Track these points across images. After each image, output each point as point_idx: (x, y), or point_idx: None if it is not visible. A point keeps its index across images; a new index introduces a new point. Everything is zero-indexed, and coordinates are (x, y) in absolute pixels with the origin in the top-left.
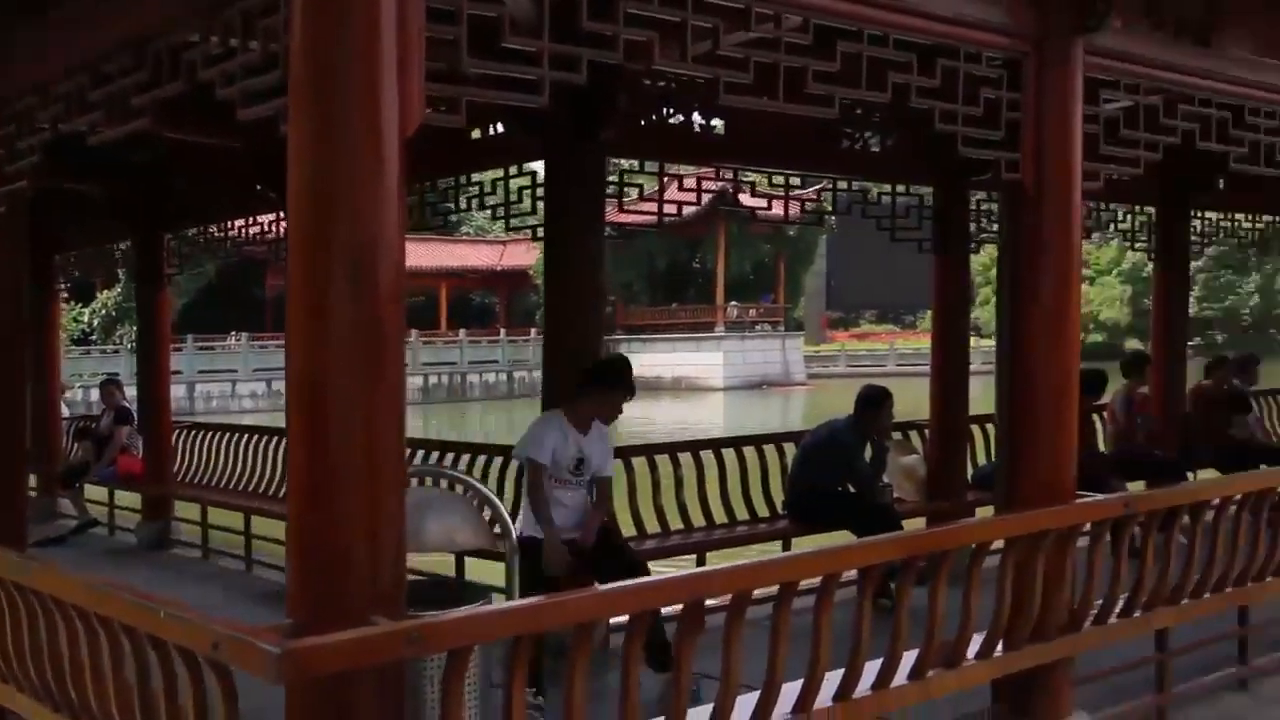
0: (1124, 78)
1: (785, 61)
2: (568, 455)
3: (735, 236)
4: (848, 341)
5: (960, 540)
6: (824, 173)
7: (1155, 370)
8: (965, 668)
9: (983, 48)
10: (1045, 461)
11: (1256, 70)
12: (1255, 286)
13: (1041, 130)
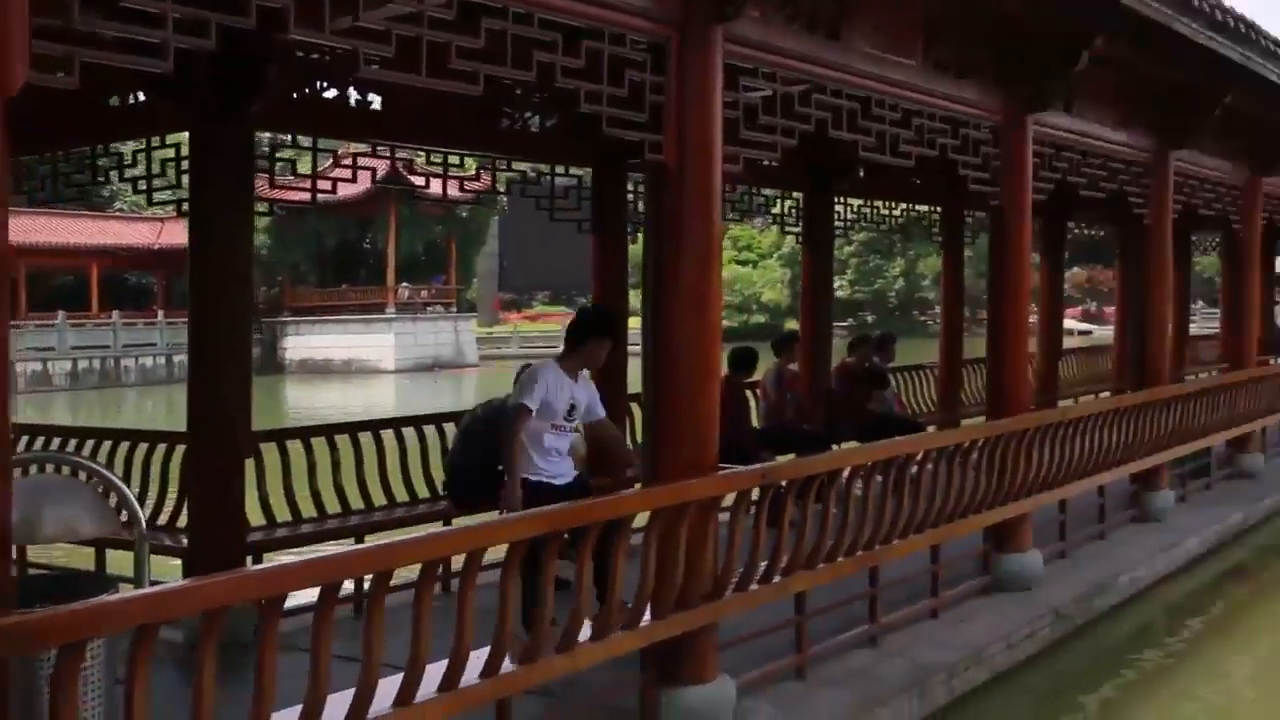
0: (762, 66)
1: (429, 36)
2: (563, 401)
3: (407, 217)
4: (521, 323)
5: (602, 514)
6: (486, 152)
7: (803, 348)
8: (612, 638)
9: (627, 31)
10: (688, 436)
11: (882, 65)
12: (900, 271)
13: (684, 113)
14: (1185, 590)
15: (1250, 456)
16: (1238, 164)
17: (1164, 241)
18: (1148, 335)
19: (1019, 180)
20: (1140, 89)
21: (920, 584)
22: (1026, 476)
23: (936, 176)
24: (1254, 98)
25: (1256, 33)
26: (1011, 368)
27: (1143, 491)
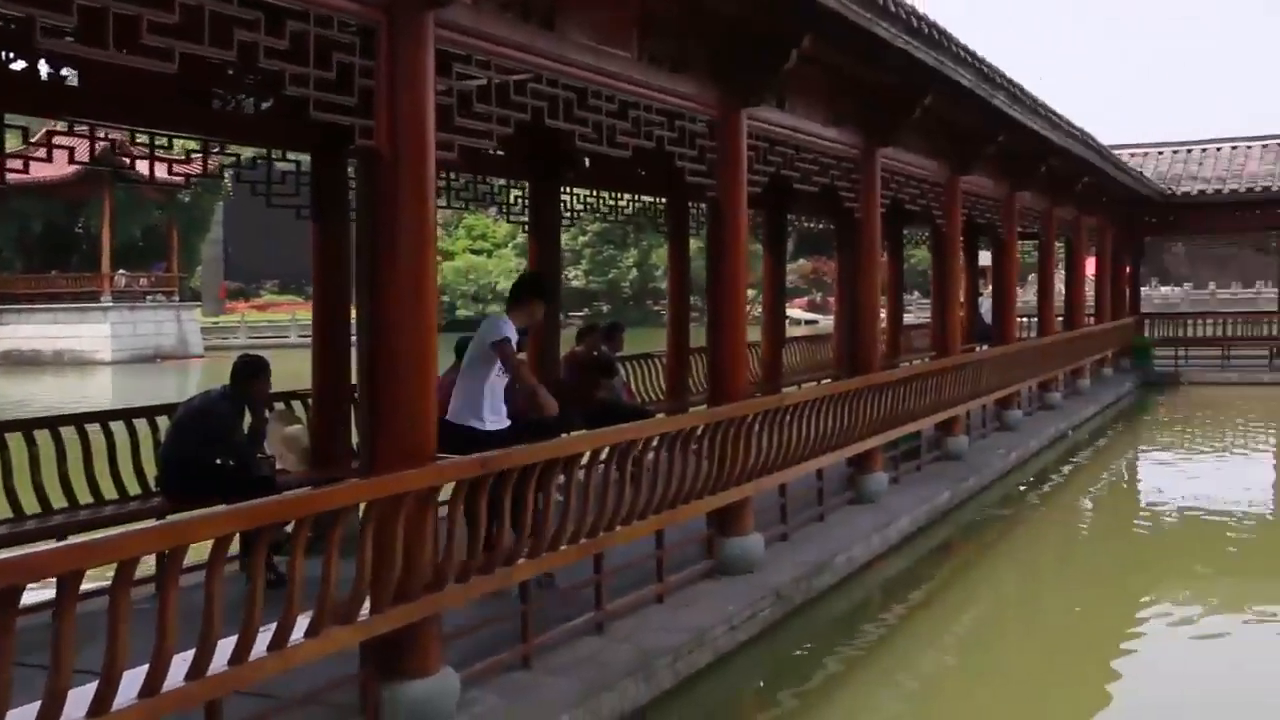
0: (476, 53)
1: (116, 8)
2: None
3: (123, 201)
4: (248, 312)
5: (316, 507)
6: (198, 134)
7: (532, 338)
8: (328, 634)
9: (334, 12)
10: (405, 425)
11: (598, 56)
12: (634, 261)
13: (395, 99)
14: (898, 567)
15: (956, 439)
16: (940, 163)
17: (873, 235)
18: (859, 324)
19: (734, 173)
20: (848, 88)
21: (646, 569)
22: (747, 462)
23: (660, 168)
24: (950, 100)
25: (949, 39)
26: (731, 355)
27: (858, 474)
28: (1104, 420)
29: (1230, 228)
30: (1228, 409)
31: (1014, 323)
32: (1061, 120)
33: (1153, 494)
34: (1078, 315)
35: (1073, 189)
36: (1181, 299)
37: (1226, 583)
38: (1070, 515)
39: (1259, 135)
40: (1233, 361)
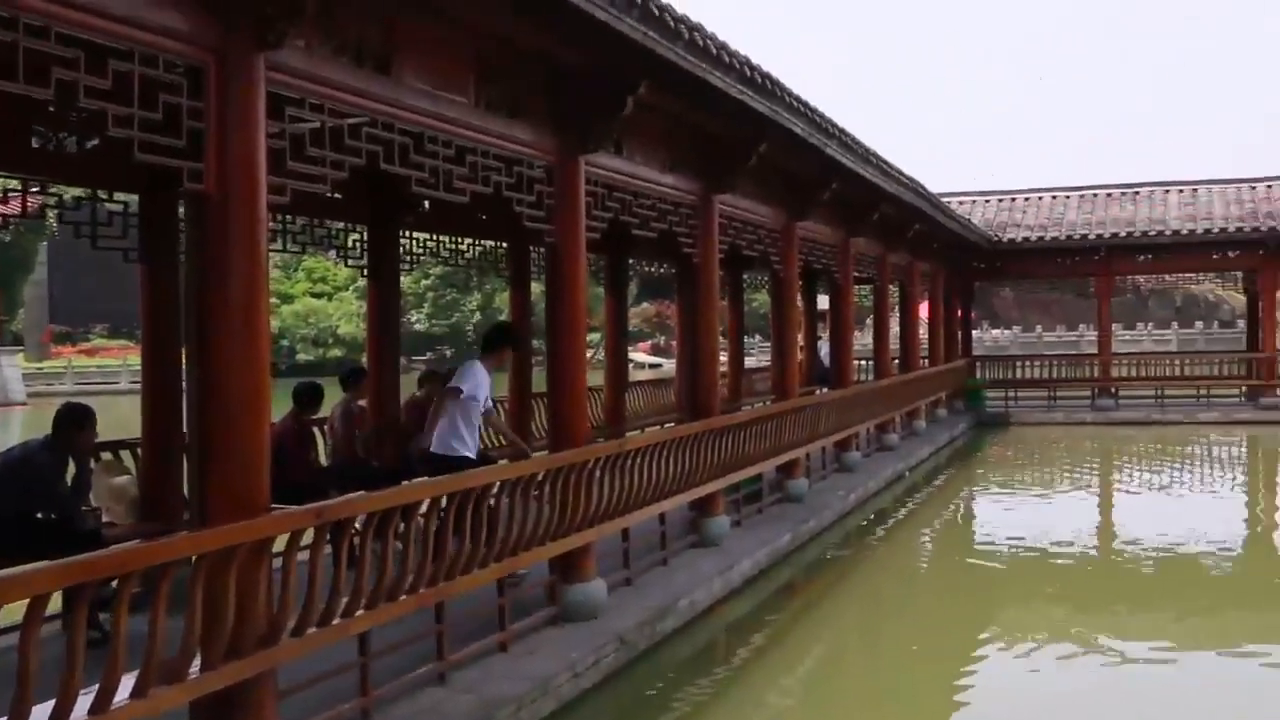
0: (310, 97)
1: None
2: (485, 390)
3: None
4: (75, 357)
5: (141, 562)
6: (16, 173)
7: (372, 383)
8: (155, 694)
9: (160, 52)
10: (237, 475)
11: (435, 102)
12: (477, 304)
13: (226, 141)
14: (742, 610)
15: (797, 481)
16: (777, 209)
17: (711, 279)
18: (699, 368)
19: (573, 218)
20: (686, 135)
21: (490, 617)
22: (589, 507)
23: (500, 213)
24: (785, 149)
25: (782, 89)
26: (571, 400)
27: (701, 518)
28: (939, 460)
29: (1052, 273)
30: (1055, 448)
31: (851, 366)
32: (892, 169)
33: (988, 532)
34: (912, 358)
35: (905, 235)
36: (1011, 342)
37: (1057, 615)
38: (909, 554)
39: (1076, 186)
40: (1058, 402)
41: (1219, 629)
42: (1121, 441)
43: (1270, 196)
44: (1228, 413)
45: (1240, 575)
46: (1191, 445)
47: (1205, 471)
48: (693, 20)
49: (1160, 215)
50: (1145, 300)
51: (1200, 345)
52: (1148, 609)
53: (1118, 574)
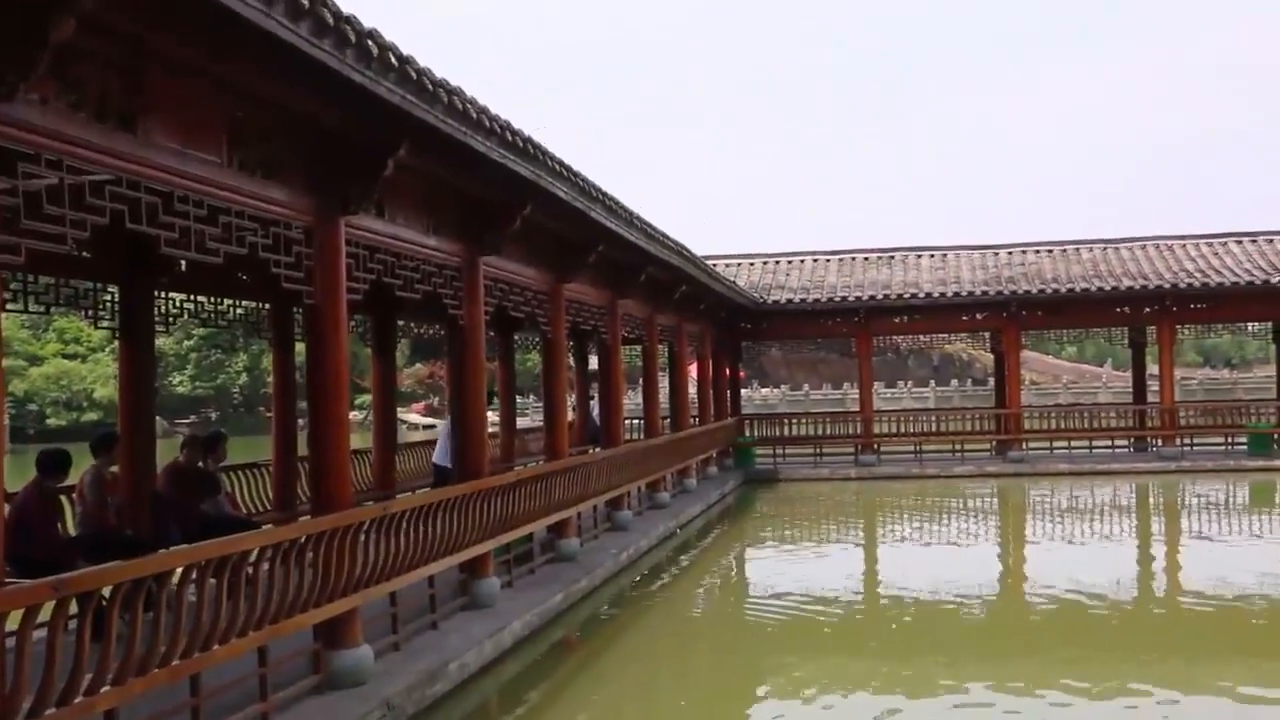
0: (45, 152)
1: None
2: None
3: None
4: None
5: None
6: None
7: (125, 448)
8: None
9: None
10: None
11: (184, 160)
12: (244, 366)
13: None
14: (514, 671)
15: (568, 541)
16: (544, 271)
17: (478, 341)
18: (467, 429)
19: (333, 280)
20: (450, 197)
21: (251, 688)
22: (354, 571)
23: (261, 273)
24: (550, 212)
25: (545, 154)
26: (334, 463)
27: (471, 579)
28: (711, 517)
29: (816, 333)
30: (822, 503)
31: (620, 425)
32: (657, 233)
33: (760, 587)
34: (682, 417)
35: (673, 296)
36: (780, 400)
37: (829, 667)
38: (683, 611)
39: (836, 250)
40: (824, 458)
41: (986, 673)
42: (884, 495)
43: (1011, 262)
44: (980, 465)
45: (999, 622)
46: (948, 498)
47: (961, 523)
48: (453, 84)
49: (914, 279)
50: (905, 359)
51: (956, 402)
52: (915, 657)
53: (886, 624)
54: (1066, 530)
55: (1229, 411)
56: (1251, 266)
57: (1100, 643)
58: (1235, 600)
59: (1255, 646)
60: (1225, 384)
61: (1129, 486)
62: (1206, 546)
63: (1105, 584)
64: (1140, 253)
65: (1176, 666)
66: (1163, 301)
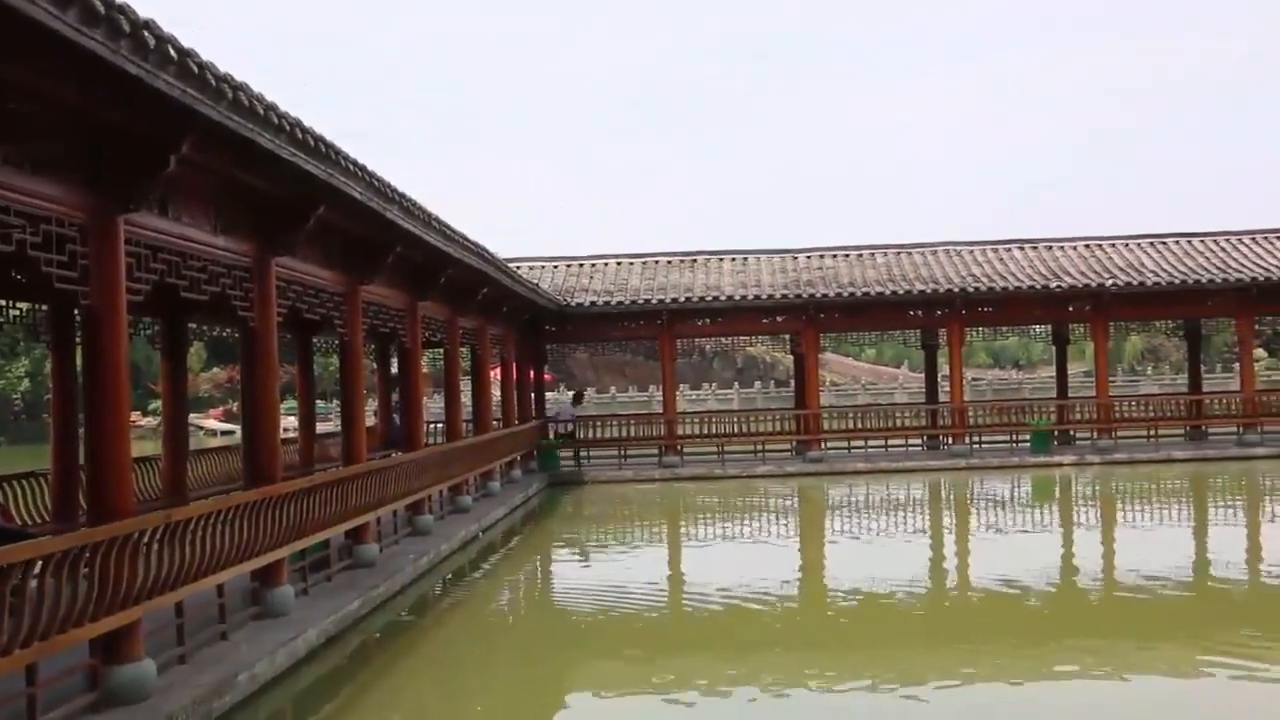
0: None
1: None
2: None
3: None
4: None
5: None
6: None
7: None
8: None
9: None
10: None
11: None
12: (26, 370)
13: None
14: (309, 681)
15: (367, 546)
16: (341, 272)
17: (270, 344)
18: (259, 434)
19: (111, 280)
20: (240, 196)
21: (17, 709)
22: (135, 582)
23: (33, 272)
24: (345, 212)
25: (338, 153)
26: (114, 470)
27: (264, 588)
28: (515, 521)
29: (619, 335)
30: (626, 504)
31: (421, 428)
32: (456, 234)
33: (563, 588)
34: (485, 420)
35: (475, 299)
36: (587, 402)
37: (635, 666)
38: (485, 615)
39: (639, 253)
40: (628, 460)
41: (789, 665)
42: (688, 496)
43: (809, 266)
44: (780, 466)
45: (801, 616)
46: (750, 497)
47: (763, 522)
48: (237, 79)
49: (716, 282)
50: (710, 361)
51: (759, 403)
52: (719, 653)
53: (693, 623)
54: (862, 526)
55: (1014, 410)
56: (1034, 272)
57: (902, 633)
58: (1018, 591)
59: (1034, 632)
60: (1013, 384)
61: (922, 483)
62: (994, 538)
63: (899, 578)
64: (931, 257)
65: (960, 652)
66: (952, 304)
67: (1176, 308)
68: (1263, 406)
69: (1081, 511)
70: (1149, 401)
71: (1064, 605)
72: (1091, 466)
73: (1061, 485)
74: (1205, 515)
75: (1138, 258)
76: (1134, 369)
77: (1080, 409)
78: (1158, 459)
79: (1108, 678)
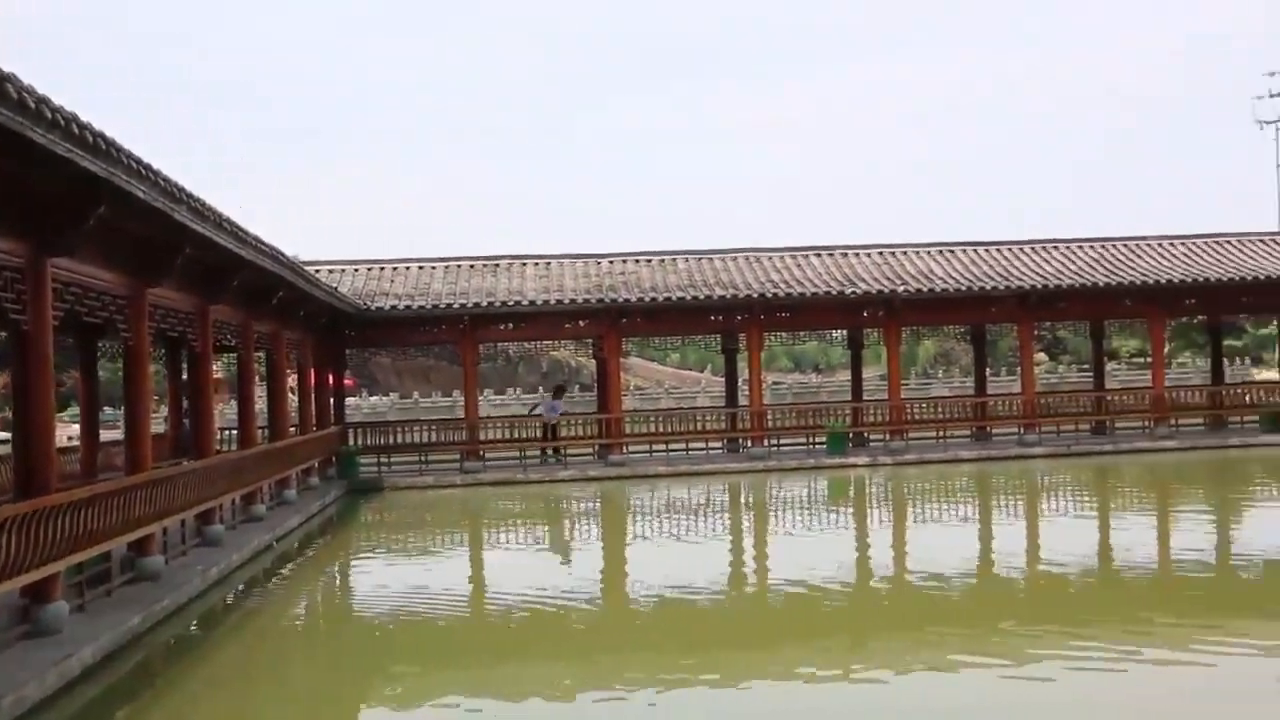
0: None
1: None
2: None
3: None
4: None
5: None
6: None
7: None
8: None
9: None
10: None
11: None
12: None
13: None
14: (82, 702)
15: (151, 559)
16: (126, 274)
17: (45, 348)
18: (32, 442)
19: None
20: (12, 193)
21: None
22: None
23: None
24: (130, 212)
25: (119, 150)
26: None
27: (34, 605)
28: (311, 529)
29: (422, 340)
30: (427, 510)
31: (212, 436)
32: (249, 236)
33: (361, 597)
34: (281, 426)
35: (270, 302)
36: (389, 408)
37: (438, 674)
38: (277, 626)
39: (441, 257)
40: (430, 466)
41: (587, 671)
42: (489, 501)
43: (612, 271)
44: (582, 469)
45: (605, 619)
46: (551, 502)
47: (563, 526)
48: (6, 70)
49: (519, 286)
50: (516, 366)
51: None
52: (522, 658)
53: (495, 628)
54: (662, 529)
55: (811, 413)
56: (830, 278)
57: (703, 632)
58: (813, 589)
59: (828, 630)
60: (812, 387)
61: (722, 485)
62: (788, 539)
63: (700, 580)
64: (732, 263)
65: (736, 656)
66: (751, 309)
67: (963, 313)
68: (1041, 408)
69: (873, 511)
70: (938, 404)
71: (858, 603)
72: (884, 467)
73: (856, 486)
74: (989, 513)
75: (928, 265)
76: (927, 372)
77: (874, 411)
78: (946, 459)
79: (887, 674)
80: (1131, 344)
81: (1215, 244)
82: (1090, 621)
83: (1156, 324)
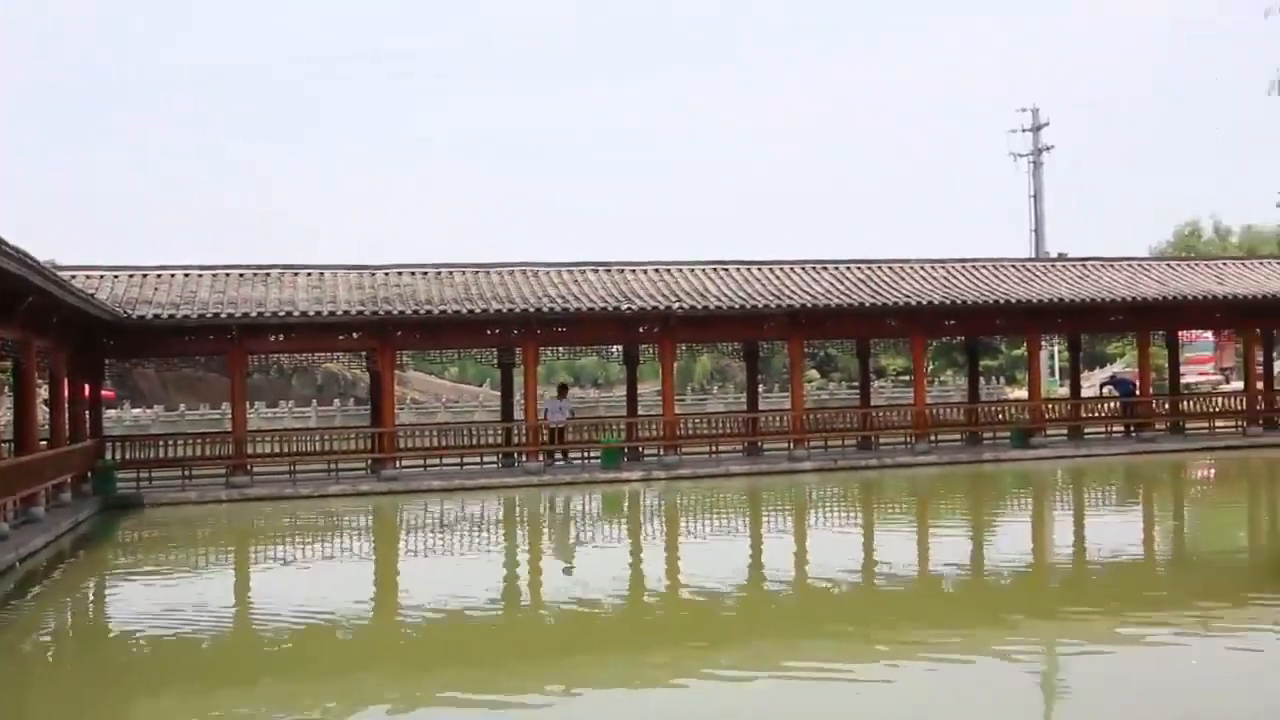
0: None
1: None
2: None
3: None
4: None
5: None
6: None
7: None
8: None
9: None
10: None
11: None
12: None
13: None
14: None
15: None
16: None
17: None
18: None
19: None
20: None
21: None
22: None
23: None
24: None
25: None
26: None
27: None
28: (62, 547)
29: (188, 351)
30: (188, 528)
31: None
32: None
33: (116, 620)
34: (29, 439)
35: (18, 309)
36: (153, 420)
37: (199, 698)
38: (20, 655)
39: (207, 265)
40: (194, 480)
41: (368, 689)
42: (256, 517)
43: (388, 283)
44: (354, 484)
45: (383, 637)
46: (320, 517)
47: (331, 543)
48: None
49: (290, 297)
50: (289, 378)
51: (339, 421)
52: (285, 681)
53: (260, 650)
54: (435, 545)
55: (586, 427)
56: (606, 294)
57: (483, 652)
58: (584, 603)
59: (593, 643)
60: (590, 402)
61: (496, 500)
62: (556, 554)
63: (477, 596)
64: (509, 278)
65: (515, 667)
66: (528, 324)
67: (737, 330)
68: (809, 424)
69: (646, 525)
70: (712, 419)
71: (628, 616)
72: (658, 481)
73: (630, 500)
74: (758, 526)
75: (703, 283)
76: (703, 388)
77: (648, 426)
78: (718, 473)
79: (637, 684)
80: (899, 362)
81: (972, 268)
82: (842, 634)
83: (918, 343)
